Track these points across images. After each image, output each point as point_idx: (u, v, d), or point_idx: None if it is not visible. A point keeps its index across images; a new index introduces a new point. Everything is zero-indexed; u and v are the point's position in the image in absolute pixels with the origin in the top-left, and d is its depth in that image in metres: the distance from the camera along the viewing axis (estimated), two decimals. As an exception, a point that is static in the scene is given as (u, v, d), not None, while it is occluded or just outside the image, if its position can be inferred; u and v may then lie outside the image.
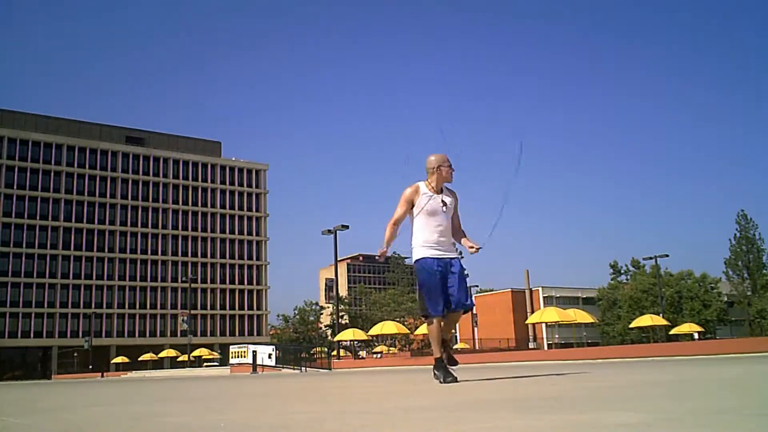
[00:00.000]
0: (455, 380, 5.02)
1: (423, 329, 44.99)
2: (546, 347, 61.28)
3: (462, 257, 5.39)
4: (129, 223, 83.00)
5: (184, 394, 6.38)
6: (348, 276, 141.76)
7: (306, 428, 2.46)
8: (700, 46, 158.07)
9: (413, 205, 5.15)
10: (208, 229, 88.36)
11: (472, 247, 5.20)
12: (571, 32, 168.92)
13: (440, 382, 5.02)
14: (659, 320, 39.93)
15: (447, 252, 5.17)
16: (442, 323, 5.10)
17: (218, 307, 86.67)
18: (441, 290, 5.04)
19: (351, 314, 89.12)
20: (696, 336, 48.26)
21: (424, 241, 5.13)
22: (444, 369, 5.11)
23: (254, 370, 29.07)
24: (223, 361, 53.31)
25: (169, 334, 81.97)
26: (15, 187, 76.52)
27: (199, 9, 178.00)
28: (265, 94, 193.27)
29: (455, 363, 5.26)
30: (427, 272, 5.06)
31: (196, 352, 63.06)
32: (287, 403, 3.99)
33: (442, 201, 5.15)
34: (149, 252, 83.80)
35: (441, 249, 5.13)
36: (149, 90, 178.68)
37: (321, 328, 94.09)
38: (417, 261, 5.15)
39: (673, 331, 47.99)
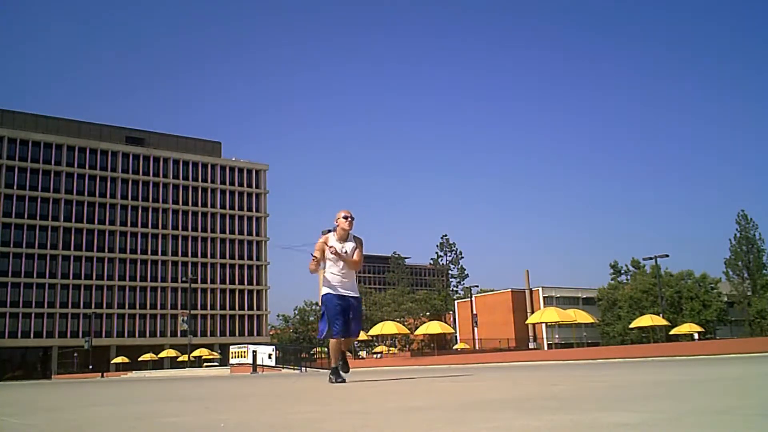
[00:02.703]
0: (344, 381, 6.39)
1: (423, 329, 45.04)
2: (546, 347, 61.28)
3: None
4: (129, 223, 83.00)
5: (184, 394, 6.38)
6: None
7: (306, 428, 2.47)
8: (700, 46, 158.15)
9: (324, 251, 6.43)
10: (208, 229, 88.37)
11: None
12: (571, 32, 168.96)
13: (331, 383, 6.33)
14: (659, 320, 39.93)
15: (348, 291, 6.46)
16: (340, 343, 6.47)
17: (218, 307, 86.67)
18: (342, 319, 6.33)
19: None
20: (696, 336, 48.24)
21: (329, 281, 6.43)
22: (337, 374, 6.49)
23: (254, 370, 29.08)
24: (223, 361, 53.32)
25: (169, 334, 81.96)
26: (15, 187, 76.51)
27: (199, 9, 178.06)
28: (265, 94, 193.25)
29: (347, 369, 6.67)
30: (330, 304, 6.36)
31: (196, 352, 63.06)
32: (287, 403, 3.99)
33: (345, 250, 6.44)
34: (149, 252, 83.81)
35: (343, 288, 6.43)
36: (149, 90, 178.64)
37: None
38: (323, 296, 6.46)
39: (673, 332, 47.97)
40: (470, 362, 24.34)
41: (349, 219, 6.53)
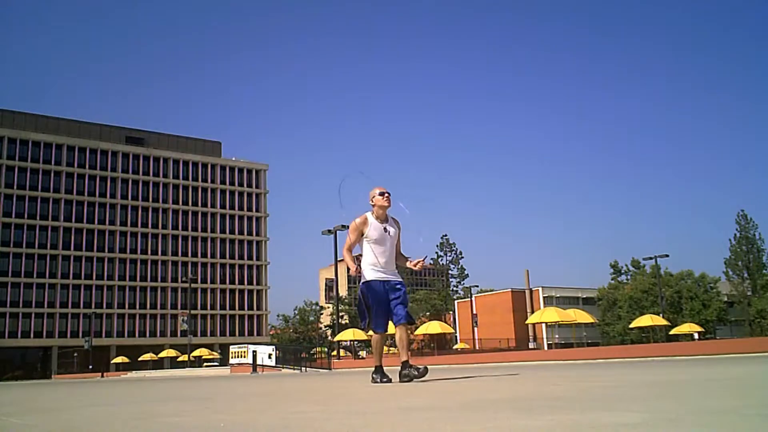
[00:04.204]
0: (389, 381, 5.77)
1: (423, 329, 45.03)
2: (546, 347, 61.29)
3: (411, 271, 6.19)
4: (129, 223, 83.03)
5: (184, 394, 6.38)
6: (348, 276, 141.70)
7: (306, 428, 2.46)
8: (700, 46, 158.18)
9: (362, 234, 5.78)
10: (208, 229, 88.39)
11: (416, 264, 5.85)
12: (571, 32, 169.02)
13: (378, 382, 5.77)
14: (659, 320, 39.89)
15: (391, 276, 5.80)
16: (384, 338, 5.95)
17: (218, 307, 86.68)
18: (385, 310, 5.69)
19: (351, 314, 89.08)
20: (696, 336, 48.23)
21: (371, 265, 5.76)
22: (382, 373, 5.88)
23: (254, 370, 29.09)
24: (223, 361, 53.33)
25: (169, 334, 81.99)
26: (15, 187, 76.54)
27: (199, 9, 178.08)
28: (265, 94, 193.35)
29: (425, 371, 5.70)
30: (374, 293, 5.71)
31: (196, 352, 63.07)
32: (287, 403, 3.99)
33: (386, 230, 5.80)
34: (149, 252, 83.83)
35: (385, 273, 5.76)
36: (149, 90, 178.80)
37: (321, 328, 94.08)
38: (365, 283, 5.78)
39: (673, 331, 47.96)
40: (470, 362, 24.32)
41: (387, 195, 5.78)
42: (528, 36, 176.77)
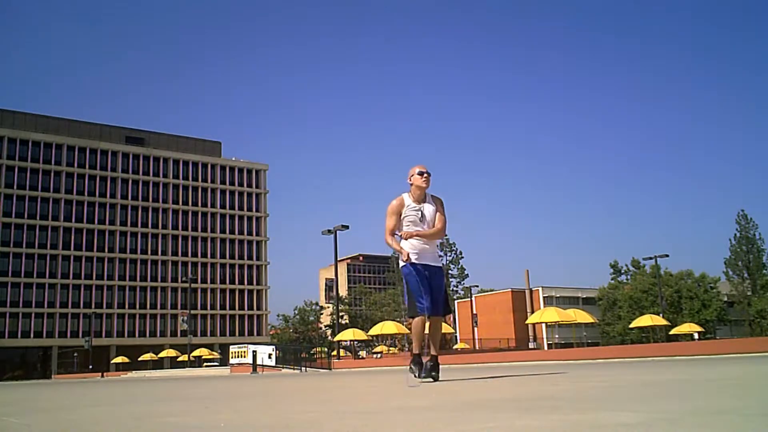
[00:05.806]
0: (434, 379, 5.39)
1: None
2: (546, 347, 61.27)
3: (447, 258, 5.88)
4: (129, 223, 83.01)
5: (184, 394, 6.38)
6: (348, 276, 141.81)
7: (306, 428, 2.46)
8: (700, 46, 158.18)
9: (400, 215, 5.53)
10: (208, 229, 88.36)
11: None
12: (571, 32, 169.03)
13: (415, 377, 5.43)
14: (659, 320, 39.90)
15: (431, 261, 5.51)
16: (426, 322, 5.45)
17: (218, 307, 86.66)
18: (427, 290, 5.36)
19: (351, 314, 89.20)
20: (696, 336, 48.22)
21: (409, 248, 5.45)
22: (421, 365, 5.53)
23: (254, 370, 29.08)
24: (223, 361, 53.31)
25: (169, 334, 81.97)
26: (15, 187, 76.51)
27: (199, 9, 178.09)
28: (265, 94, 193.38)
29: (437, 373, 5.47)
30: (414, 274, 5.38)
31: (196, 352, 63.06)
32: (287, 403, 3.99)
33: (422, 212, 5.51)
34: (149, 252, 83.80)
35: (424, 258, 5.47)
36: (149, 90, 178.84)
37: (321, 328, 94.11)
38: (402, 267, 5.49)
39: (673, 331, 47.95)
40: (470, 362, 24.31)
41: (425, 175, 5.51)
42: (530, 35, 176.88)
